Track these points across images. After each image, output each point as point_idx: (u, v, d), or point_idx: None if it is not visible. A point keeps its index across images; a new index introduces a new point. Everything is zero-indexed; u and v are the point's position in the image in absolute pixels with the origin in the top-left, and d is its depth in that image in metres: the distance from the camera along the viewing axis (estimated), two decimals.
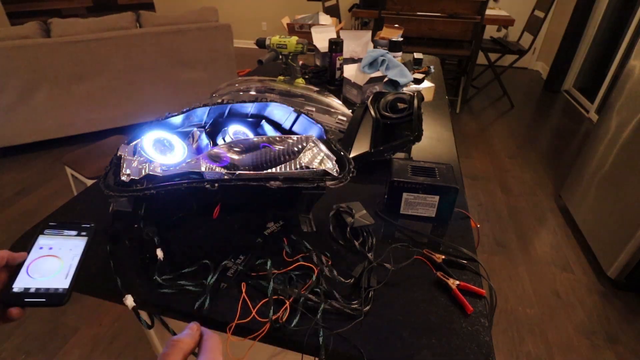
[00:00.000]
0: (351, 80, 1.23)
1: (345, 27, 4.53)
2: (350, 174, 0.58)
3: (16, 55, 2.29)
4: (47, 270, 0.43)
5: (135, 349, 1.34)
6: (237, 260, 0.59)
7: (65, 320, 1.44)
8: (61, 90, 2.50)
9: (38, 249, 0.45)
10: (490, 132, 3.04)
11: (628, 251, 1.50)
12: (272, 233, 0.65)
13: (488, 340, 0.49)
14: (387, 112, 0.92)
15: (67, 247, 0.46)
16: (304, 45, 1.17)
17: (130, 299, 0.51)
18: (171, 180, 0.57)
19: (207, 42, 2.80)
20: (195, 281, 0.55)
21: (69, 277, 0.43)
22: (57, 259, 0.45)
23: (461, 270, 0.60)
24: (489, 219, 2.03)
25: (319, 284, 0.54)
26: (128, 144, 0.65)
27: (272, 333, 0.49)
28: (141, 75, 2.71)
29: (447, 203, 0.69)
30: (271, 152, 0.64)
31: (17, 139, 2.53)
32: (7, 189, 2.24)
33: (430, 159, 0.91)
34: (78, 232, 0.48)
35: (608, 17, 3.40)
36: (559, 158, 2.66)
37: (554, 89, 3.93)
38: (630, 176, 1.55)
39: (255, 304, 0.53)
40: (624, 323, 1.46)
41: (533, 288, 1.62)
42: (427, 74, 1.47)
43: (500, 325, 1.45)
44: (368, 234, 0.65)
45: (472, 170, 2.50)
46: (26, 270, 0.43)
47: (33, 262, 0.44)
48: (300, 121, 0.76)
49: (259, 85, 1.07)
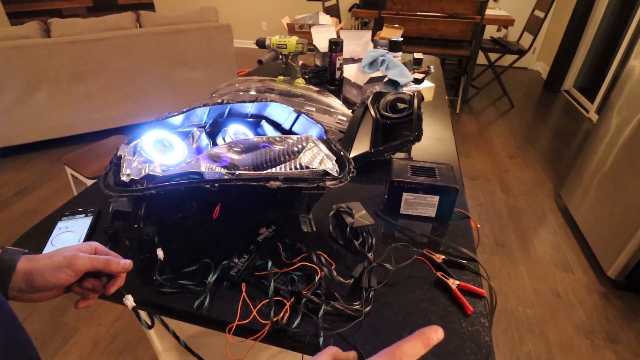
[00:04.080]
0: (351, 80, 1.23)
1: (345, 27, 4.53)
2: (350, 174, 0.58)
3: (16, 55, 2.29)
4: (65, 240, 0.64)
5: (135, 349, 1.34)
6: (237, 260, 0.59)
7: (65, 320, 1.44)
8: (61, 90, 2.50)
9: (58, 229, 0.66)
10: (490, 132, 3.04)
11: (628, 251, 1.50)
12: (265, 239, 0.64)
13: (488, 340, 0.49)
14: (387, 112, 0.92)
15: (79, 224, 0.67)
16: (304, 45, 1.17)
17: (130, 299, 0.51)
18: (171, 180, 0.57)
19: (207, 42, 2.80)
20: (195, 280, 0.55)
21: (80, 241, 0.63)
22: (72, 232, 0.66)
23: (461, 270, 0.60)
24: (489, 219, 2.03)
25: (320, 285, 0.54)
26: (128, 144, 0.65)
27: (273, 334, 0.49)
28: (141, 75, 2.71)
29: (447, 203, 0.69)
30: (271, 152, 0.64)
31: (17, 139, 2.53)
32: (7, 189, 2.24)
33: (430, 159, 0.91)
34: (85, 214, 0.70)
35: (608, 17, 3.40)
36: (559, 158, 2.66)
37: (554, 89, 3.93)
38: (630, 176, 1.55)
39: (256, 304, 0.53)
40: (624, 323, 1.46)
41: (533, 288, 1.62)
42: (427, 74, 1.47)
43: (500, 325, 1.45)
44: (368, 234, 0.65)
45: (472, 170, 2.50)
46: (51, 242, 0.64)
47: (55, 237, 0.65)
48: (300, 121, 0.76)
49: (259, 85, 1.07)
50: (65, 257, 0.43)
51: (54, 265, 0.42)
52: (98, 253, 0.48)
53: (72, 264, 0.43)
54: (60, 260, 0.43)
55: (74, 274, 0.43)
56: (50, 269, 0.42)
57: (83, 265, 0.44)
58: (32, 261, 0.42)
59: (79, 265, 0.43)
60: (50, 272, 0.42)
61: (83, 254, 0.45)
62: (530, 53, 4.52)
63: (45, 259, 0.43)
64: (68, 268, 0.43)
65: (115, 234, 0.65)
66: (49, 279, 0.42)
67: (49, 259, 0.43)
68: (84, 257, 0.44)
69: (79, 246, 0.47)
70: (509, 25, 3.00)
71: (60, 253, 0.44)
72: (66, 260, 0.43)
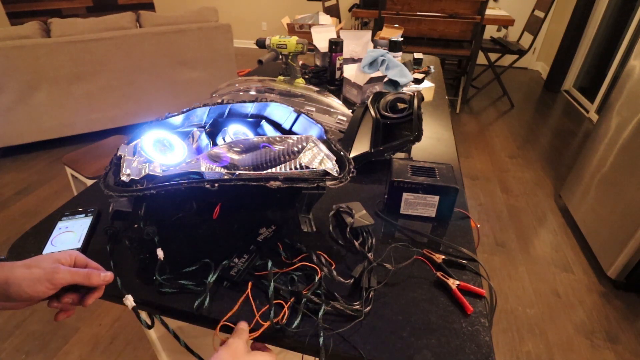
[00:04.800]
0: (351, 80, 1.23)
1: (345, 27, 4.53)
2: (350, 174, 0.58)
3: (16, 55, 2.29)
4: (65, 240, 0.64)
5: (135, 349, 1.34)
6: (237, 260, 0.59)
7: (65, 320, 1.44)
8: (61, 90, 2.50)
9: (58, 229, 0.66)
10: (490, 132, 3.04)
11: (628, 251, 1.50)
12: (265, 239, 0.64)
13: (488, 340, 0.49)
14: (387, 112, 0.92)
15: (79, 224, 0.67)
16: (304, 45, 1.17)
17: (130, 299, 0.51)
18: (171, 180, 0.57)
19: (207, 42, 2.80)
20: (195, 280, 0.55)
21: (80, 241, 0.63)
22: (72, 232, 0.65)
23: (461, 270, 0.60)
24: (489, 219, 2.03)
25: (320, 285, 0.54)
26: (128, 144, 0.65)
27: (273, 334, 0.49)
28: (141, 75, 2.71)
29: (447, 203, 0.69)
30: (271, 152, 0.64)
31: (17, 139, 2.53)
32: (7, 189, 2.24)
33: (430, 159, 0.91)
34: (85, 214, 0.70)
35: (608, 17, 3.40)
36: (559, 158, 2.66)
37: (554, 89, 3.93)
38: (630, 176, 1.55)
39: (256, 304, 0.53)
40: (624, 323, 1.46)
41: (533, 288, 1.62)
42: (427, 74, 1.47)
43: (500, 325, 1.45)
44: (368, 234, 0.65)
45: (472, 170, 2.50)
46: (51, 242, 0.63)
47: (55, 237, 0.64)
48: (300, 121, 0.76)
49: (259, 85, 1.07)
50: (44, 270, 0.42)
51: (33, 277, 0.41)
52: (77, 263, 0.46)
53: (52, 277, 0.41)
54: (39, 272, 0.41)
55: (53, 287, 0.42)
56: (28, 281, 0.40)
57: (64, 279, 0.42)
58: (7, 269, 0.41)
59: (59, 279, 0.42)
60: (28, 284, 0.40)
61: (63, 267, 0.43)
62: (530, 53, 4.52)
63: (22, 269, 0.41)
64: (48, 282, 0.41)
65: (115, 234, 0.65)
66: (26, 290, 0.40)
67: (27, 269, 0.41)
68: (65, 270, 0.43)
69: (58, 256, 0.45)
70: (509, 25, 3.00)
71: (39, 265, 0.42)
72: (46, 273, 0.41)
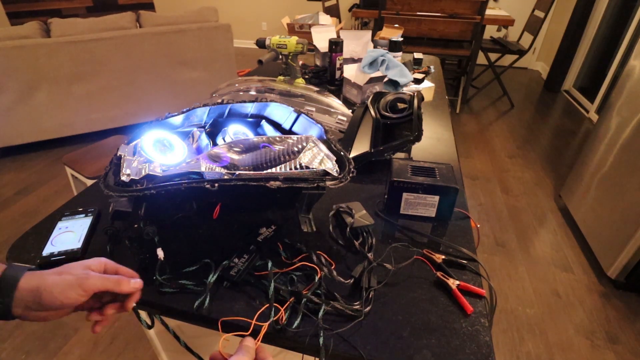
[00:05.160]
0: (351, 80, 1.23)
1: (345, 27, 4.53)
2: (350, 174, 0.58)
3: (16, 55, 2.29)
4: (65, 240, 0.63)
5: (135, 349, 1.34)
6: (237, 260, 0.59)
7: (65, 320, 1.44)
8: (61, 90, 2.50)
9: (58, 229, 0.66)
10: (490, 132, 3.04)
11: (628, 251, 1.50)
12: (265, 239, 0.64)
13: (488, 340, 0.49)
14: (387, 112, 0.92)
15: (79, 224, 0.67)
16: (304, 45, 1.17)
17: None
18: (171, 180, 0.57)
19: (207, 42, 2.80)
20: (196, 280, 0.55)
21: (80, 241, 0.63)
22: (72, 232, 0.65)
23: (461, 270, 0.60)
24: (489, 219, 2.03)
25: (320, 285, 0.54)
26: (128, 144, 0.65)
27: (272, 334, 0.49)
28: (141, 75, 2.71)
29: (447, 203, 0.69)
30: (271, 152, 0.64)
31: (17, 139, 2.53)
32: (7, 189, 2.24)
33: (430, 159, 0.91)
34: (85, 214, 0.70)
35: (608, 17, 3.40)
36: (559, 158, 2.66)
37: (554, 89, 3.93)
38: (630, 176, 1.55)
39: (257, 304, 0.53)
40: (624, 323, 1.46)
41: (533, 288, 1.62)
42: (427, 74, 1.47)
43: (500, 325, 1.45)
44: (368, 234, 0.65)
45: (472, 170, 2.50)
46: (51, 242, 0.63)
47: (55, 237, 0.64)
48: (300, 121, 0.76)
49: (259, 85, 1.07)
50: (76, 275, 0.42)
51: (64, 283, 0.41)
52: (108, 269, 0.47)
53: (83, 283, 0.42)
54: (70, 278, 0.42)
55: (84, 293, 0.42)
56: (59, 287, 0.41)
57: (94, 285, 0.43)
58: (38, 277, 0.41)
59: (90, 284, 0.42)
60: (60, 290, 0.41)
61: (94, 273, 0.44)
62: (530, 53, 4.52)
63: (53, 276, 0.42)
64: (79, 287, 0.42)
65: (115, 234, 0.65)
66: (58, 297, 0.41)
67: (58, 275, 0.42)
68: (96, 276, 0.43)
69: (88, 263, 0.45)
70: (509, 25, 3.00)
71: (70, 271, 0.43)
72: (77, 279, 0.42)
